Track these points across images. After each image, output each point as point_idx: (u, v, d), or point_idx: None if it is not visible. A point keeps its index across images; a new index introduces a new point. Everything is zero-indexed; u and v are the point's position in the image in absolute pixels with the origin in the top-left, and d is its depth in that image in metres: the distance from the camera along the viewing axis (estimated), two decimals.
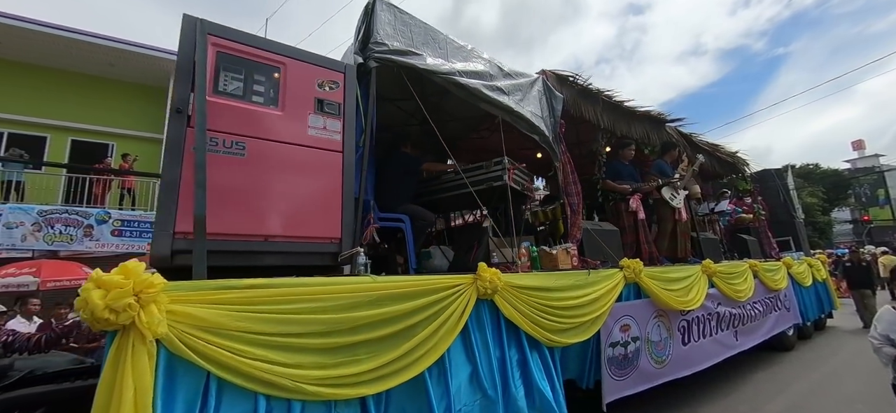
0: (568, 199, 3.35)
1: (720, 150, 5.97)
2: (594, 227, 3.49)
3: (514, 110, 2.99)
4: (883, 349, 2.51)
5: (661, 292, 3.49)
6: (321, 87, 2.17)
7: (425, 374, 1.96)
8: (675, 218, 4.53)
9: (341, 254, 2.03)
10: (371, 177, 2.36)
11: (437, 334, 2.04)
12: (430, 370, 2.02)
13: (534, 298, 2.52)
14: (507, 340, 2.37)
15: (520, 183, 3.18)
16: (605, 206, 4.46)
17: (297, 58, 2.13)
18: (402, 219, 2.75)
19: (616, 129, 4.28)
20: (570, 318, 2.73)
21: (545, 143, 3.26)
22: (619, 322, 3.18)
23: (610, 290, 3.03)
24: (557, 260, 2.87)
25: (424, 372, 1.96)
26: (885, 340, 2.55)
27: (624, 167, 4.35)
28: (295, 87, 2.09)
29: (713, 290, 4.38)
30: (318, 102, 2.14)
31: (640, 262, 3.27)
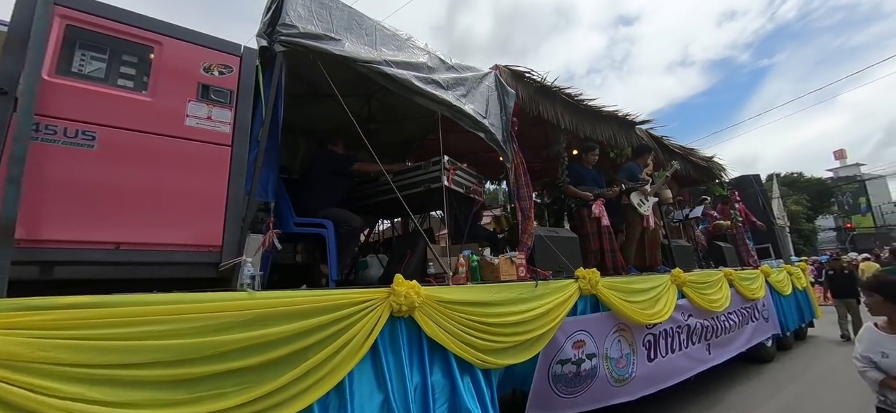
0: (519, 204, 3.08)
1: (694, 154, 5.78)
2: (548, 233, 3.22)
3: (454, 105, 2.72)
4: (867, 373, 2.25)
5: (623, 304, 3.22)
6: (208, 72, 1.87)
7: (314, 407, 1.65)
8: (644, 225, 4.29)
9: (221, 264, 1.72)
10: (270, 174, 2.06)
11: (334, 359, 1.73)
12: (326, 401, 1.71)
13: (466, 315, 2.23)
14: (430, 364, 2.07)
15: (463, 185, 2.91)
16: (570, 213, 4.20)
17: (177, 36, 1.84)
18: (324, 224, 2.45)
19: (579, 130, 4.04)
20: (510, 337, 2.44)
21: (493, 143, 3.00)
22: (571, 338, 2.90)
23: (561, 303, 2.75)
24: (499, 270, 2.58)
25: (314, 405, 1.65)
26: (868, 363, 2.29)
27: (587, 171, 4.10)
28: (172, 70, 1.79)
29: (683, 302, 4.13)
30: (202, 88, 1.84)
31: (596, 273, 3.01)
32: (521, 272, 2.72)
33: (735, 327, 4.88)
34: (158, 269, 1.64)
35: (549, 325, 2.64)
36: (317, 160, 2.72)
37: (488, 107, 3.14)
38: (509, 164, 3.13)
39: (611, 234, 3.92)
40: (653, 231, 4.34)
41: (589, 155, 4.11)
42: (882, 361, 2.23)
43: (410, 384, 1.93)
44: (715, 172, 6.21)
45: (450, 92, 2.79)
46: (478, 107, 3.02)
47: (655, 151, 4.93)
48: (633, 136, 4.75)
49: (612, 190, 3.99)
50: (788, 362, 5.78)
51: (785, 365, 5.64)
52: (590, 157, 4.11)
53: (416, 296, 1.96)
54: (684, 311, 4.12)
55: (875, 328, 2.28)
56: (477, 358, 2.22)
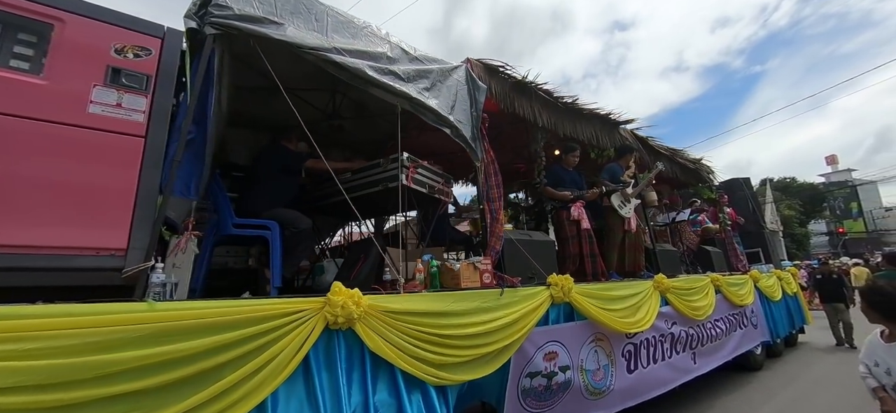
0: (488, 205, 2.89)
1: (681, 155, 5.63)
2: (520, 237, 3.03)
3: (414, 98, 2.53)
4: (866, 380, 2.17)
5: (600, 313, 3.03)
6: (120, 54, 1.67)
7: None
8: (625, 228, 4.11)
9: (125, 270, 1.51)
10: (194, 170, 1.85)
11: (253, 378, 1.52)
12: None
13: (418, 327, 2.03)
14: (374, 382, 1.86)
15: (426, 184, 2.71)
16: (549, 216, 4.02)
17: (83, 14, 1.63)
18: (268, 226, 2.24)
19: (558, 128, 3.86)
20: (471, 349, 2.24)
21: (460, 140, 2.81)
22: (542, 349, 2.70)
23: (530, 312, 2.55)
24: (460, 277, 2.38)
25: None
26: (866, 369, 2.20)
27: (566, 173, 3.92)
28: (74, 51, 1.58)
29: (667, 309, 3.95)
30: (111, 72, 1.63)
31: (570, 279, 2.82)
32: (486, 278, 2.53)
33: (722, 335, 4.71)
34: (49, 276, 1.43)
35: (516, 335, 2.45)
36: (265, 156, 2.52)
37: (456, 102, 2.95)
38: (478, 163, 2.94)
39: (591, 238, 3.74)
40: (635, 234, 4.17)
41: (569, 156, 3.93)
42: (874, 370, 2.12)
43: (347, 405, 1.72)
44: (703, 175, 6.06)
45: (411, 84, 2.60)
46: (443, 101, 2.83)
47: (639, 152, 4.77)
48: (616, 136, 4.59)
49: (591, 192, 3.82)
50: (779, 369, 5.61)
51: (775, 372, 5.48)
52: (570, 158, 3.93)
53: (356, 306, 1.76)
54: (668, 319, 3.94)
55: (878, 336, 2.17)
56: (429, 374, 2.02)
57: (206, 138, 1.93)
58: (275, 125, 3.82)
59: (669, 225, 5.62)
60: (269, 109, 3.58)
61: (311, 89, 3.39)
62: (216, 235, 2.16)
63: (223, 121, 2.42)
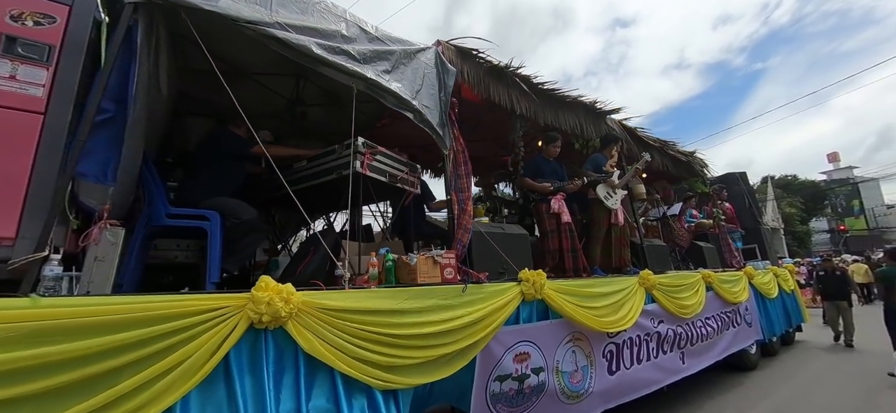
0: (456, 195, 2.70)
1: (672, 148, 5.43)
2: (491, 229, 2.85)
3: (371, 80, 2.35)
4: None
5: (577, 311, 2.85)
6: (17, 21, 1.49)
7: None
8: (611, 221, 3.93)
9: (11, 262, 1.34)
10: (113, 153, 1.68)
11: (156, 384, 1.35)
12: None
13: (364, 326, 1.85)
14: (309, 387, 1.69)
15: (386, 173, 2.53)
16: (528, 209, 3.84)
17: None
18: (207, 216, 2.06)
19: (539, 117, 3.67)
20: (426, 350, 2.06)
21: (425, 126, 2.62)
22: (512, 350, 2.52)
23: (497, 309, 2.37)
24: (417, 271, 2.20)
25: None
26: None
27: (546, 163, 3.73)
28: None
29: (653, 307, 3.77)
30: (5, 40, 1.46)
31: (542, 275, 2.63)
32: (448, 274, 2.34)
33: (713, 333, 4.52)
34: None
35: (480, 335, 2.27)
36: (210, 142, 2.34)
37: (423, 86, 2.77)
38: (446, 151, 2.75)
39: (572, 232, 3.55)
40: (621, 228, 3.98)
41: (550, 146, 3.74)
42: None
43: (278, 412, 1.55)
44: (695, 168, 5.86)
45: (368, 66, 2.42)
46: (407, 85, 2.65)
47: (627, 143, 4.57)
48: (602, 126, 4.40)
49: (573, 183, 3.62)
50: (775, 368, 5.42)
51: (771, 371, 5.29)
52: (551, 148, 3.74)
53: (284, 303, 1.58)
54: (654, 317, 3.75)
55: None
56: (376, 377, 1.84)
57: (131, 120, 1.75)
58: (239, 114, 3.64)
59: (660, 219, 5.43)
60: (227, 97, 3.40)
61: (274, 74, 3.21)
62: (148, 227, 1.99)
63: (163, 104, 2.24)
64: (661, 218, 5.46)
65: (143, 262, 2.11)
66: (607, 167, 3.88)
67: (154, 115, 2.12)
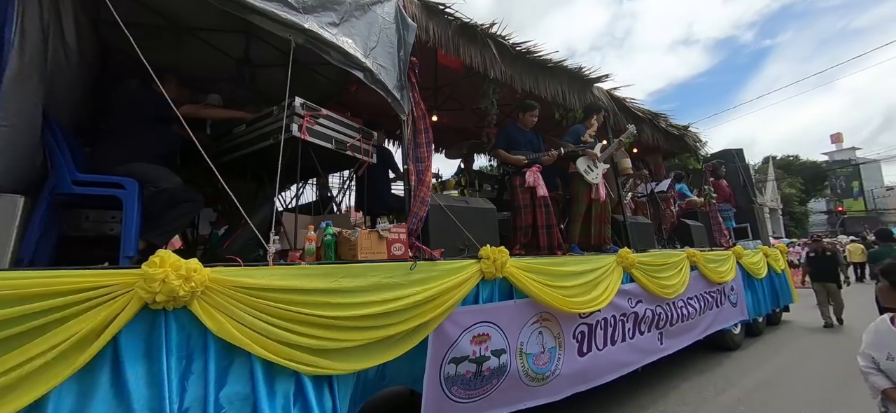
0: (414, 166, 2.47)
1: (665, 121, 5.14)
2: (453, 202, 2.63)
3: (311, 32, 2.08)
4: (870, 377, 1.80)
5: (543, 291, 2.67)
6: None
7: None
8: (592, 197, 3.71)
9: None
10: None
11: (14, 372, 1.16)
12: None
13: (289, 306, 1.66)
14: (221, 373, 1.51)
15: (332, 138, 2.29)
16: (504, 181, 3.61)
17: None
18: (123, 184, 1.84)
19: (516, 83, 3.38)
20: (366, 332, 1.89)
21: (379, 87, 2.36)
22: (469, 332, 2.36)
23: (450, 289, 2.19)
24: (357, 247, 2.00)
25: None
26: (871, 364, 1.83)
27: (521, 134, 3.48)
28: None
29: (631, 286, 3.61)
30: None
31: (504, 252, 2.44)
32: (396, 250, 2.15)
33: (696, 314, 4.39)
34: None
35: (430, 315, 2.09)
36: (130, 103, 2.09)
37: (379, 43, 2.49)
38: (404, 116, 2.50)
39: (548, 207, 3.34)
40: (602, 204, 3.77)
41: (526, 115, 3.47)
42: (885, 364, 1.75)
43: (174, 401, 1.38)
44: (689, 144, 5.59)
45: (310, 16, 2.13)
46: (358, 40, 2.37)
47: (613, 115, 4.30)
48: (587, 95, 4.11)
49: (549, 154, 3.38)
50: (757, 349, 5.35)
51: (752, 351, 5.21)
52: (527, 117, 3.47)
53: (182, 281, 1.38)
54: (632, 297, 3.60)
55: (889, 323, 1.80)
56: (303, 362, 1.67)
57: (10, 72, 1.50)
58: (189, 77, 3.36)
59: (648, 196, 5.21)
60: (179, 57, 3.12)
61: (219, 31, 2.91)
62: (53, 195, 1.77)
63: (74, 59, 1.97)
64: (648, 195, 5.24)
65: (56, 234, 1.90)
66: (585, 137, 3.62)
67: (61, 70, 1.87)
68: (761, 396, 3.67)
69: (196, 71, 3.27)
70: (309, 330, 1.73)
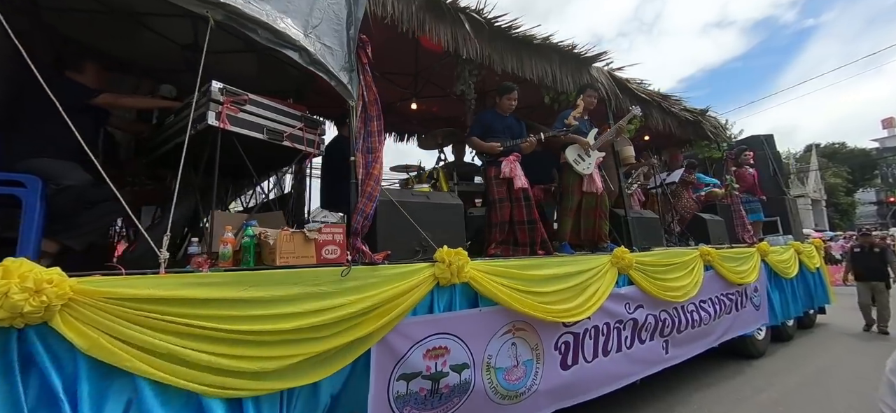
0: (362, 157, 2.20)
1: (677, 104, 4.63)
2: (407, 198, 2.35)
3: (232, 7, 1.83)
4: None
5: (513, 297, 2.36)
6: None
7: None
8: (583, 189, 3.33)
9: None
10: None
11: None
12: None
13: (185, 320, 1.44)
14: (96, 396, 1.31)
15: (264, 127, 2.05)
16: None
17: None
18: (23, 182, 1.67)
19: (497, 63, 3.03)
20: (287, 347, 1.65)
21: (319, 70, 2.10)
22: (422, 345, 2.08)
23: (394, 297, 1.92)
24: (277, 251, 1.75)
25: None
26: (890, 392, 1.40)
27: (498, 119, 3.13)
28: None
29: (629, 290, 3.22)
30: None
31: (462, 255, 2.14)
32: (329, 253, 1.89)
33: (710, 319, 3.93)
34: None
35: (368, 328, 1.83)
36: (36, 91, 1.92)
37: (322, 20, 2.23)
38: (352, 102, 2.23)
39: (528, 200, 3.00)
40: (597, 197, 3.38)
41: (504, 99, 3.11)
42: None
43: None
44: (706, 130, 5.03)
45: None
46: (297, 17, 2.12)
47: (615, 98, 3.87)
48: (584, 76, 3.70)
49: (528, 141, 3.02)
50: (782, 357, 4.79)
51: (776, 359, 4.67)
52: (505, 101, 3.12)
53: (29, 295, 1.17)
54: (630, 302, 3.21)
55: None
56: (205, 383, 1.45)
57: None
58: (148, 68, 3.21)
59: (657, 188, 4.73)
60: (134, 48, 2.96)
61: (168, 16, 2.72)
62: None
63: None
64: (657, 186, 4.76)
65: None
66: (569, 120, 3.22)
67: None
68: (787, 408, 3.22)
69: (156, 62, 3.12)
70: (211, 346, 1.51)
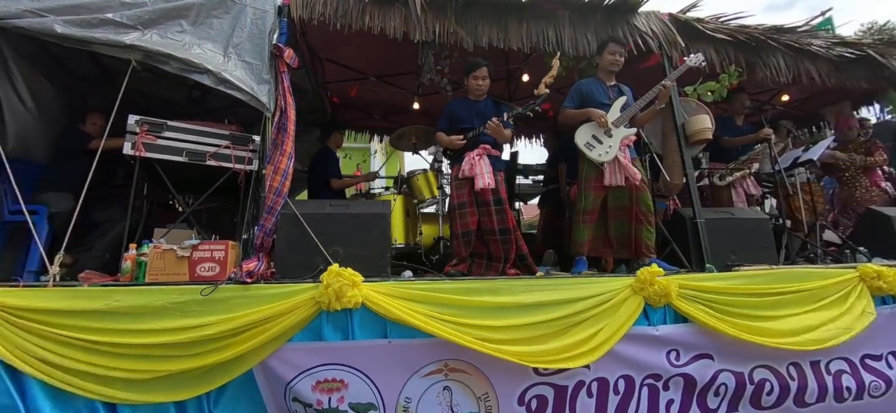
0: (274, 166, 2.10)
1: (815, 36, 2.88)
2: (321, 209, 2.11)
3: (147, 48, 2.02)
4: None
5: (437, 327, 1.84)
6: None
7: None
8: (604, 183, 2.40)
9: None
10: None
11: None
12: None
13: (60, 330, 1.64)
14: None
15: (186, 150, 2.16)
16: None
17: None
18: (36, 210, 2.25)
19: (466, 37, 2.50)
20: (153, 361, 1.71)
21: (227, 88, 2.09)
22: (310, 375, 1.82)
23: (264, 319, 1.74)
24: (149, 269, 1.79)
25: None
26: None
27: (465, 107, 2.50)
28: None
29: (674, 330, 2.14)
30: None
31: (346, 274, 1.79)
32: (206, 270, 1.85)
33: (881, 389, 2.27)
34: None
35: (239, 348, 1.71)
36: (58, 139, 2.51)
37: (246, 36, 2.26)
38: (268, 113, 2.18)
39: (500, 205, 2.33)
40: (631, 193, 2.39)
41: (469, 80, 2.47)
42: None
43: None
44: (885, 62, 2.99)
45: (151, 30, 2.10)
46: (218, 39, 2.21)
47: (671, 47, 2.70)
48: (619, 30, 2.71)
49: (493, 124, 2.31)
50: None
51: None
52: (471, 82, 2.47)
53: None
54: (679, 349, 2.13)
55: None
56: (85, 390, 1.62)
57: None
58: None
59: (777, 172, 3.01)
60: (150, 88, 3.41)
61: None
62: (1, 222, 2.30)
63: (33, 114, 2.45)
64: (788, 168, 3.03)
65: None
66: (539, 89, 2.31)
67: (21, 122, 2.39)
68: None
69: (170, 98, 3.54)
70: (83, 356, 1.66)
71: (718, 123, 3.20)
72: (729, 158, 3.22)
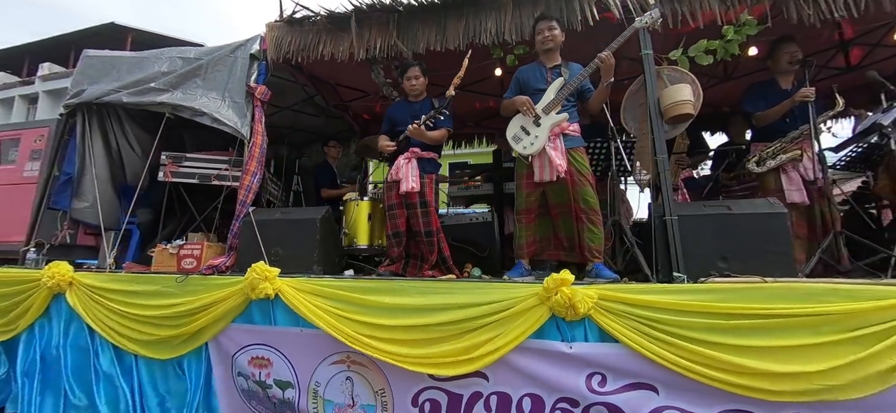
0: (240, 182, 2.64)
1: None
2: (271, 215, 2.52)
3: (171, 103, 2.81)
4: None
5: (330, 324, 2.05)
6: (36, 141, 3.24)
7: None
8: (535, 179, 2.16)
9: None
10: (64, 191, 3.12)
11: None
12: None
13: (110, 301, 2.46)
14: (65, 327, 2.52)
15: (197, 174, 2.89)
16: None
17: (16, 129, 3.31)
18: (135, 222, 3.34)
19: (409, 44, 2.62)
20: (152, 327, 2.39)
21: (218, 125, 2.72)
22: (245, 351, 2.26)
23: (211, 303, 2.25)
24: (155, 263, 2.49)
25: None
26: None
27: (402, 109, 2.52)
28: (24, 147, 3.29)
29: (600, 349, 1.82)
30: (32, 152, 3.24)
31: (259, 269, 2.14)
32: (188, 264, 2.46)
33: None
34: None
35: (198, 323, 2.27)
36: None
37: (233, 82, 2.89)
38: (245, 139, 2.74)
39: (425, 207, 2.34)
40: (567, 188, 2.11)
41: (404, 82, 2.50)
42: None
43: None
44: None
45: (177, 90, 2.88)
46: (219, 86, 2.88)
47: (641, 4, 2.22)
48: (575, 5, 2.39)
49: (412, 128, 2.29)
50: None
51: None
52: (405, 83, 2.49)
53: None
54: (605, 373, 1.81)
55: None
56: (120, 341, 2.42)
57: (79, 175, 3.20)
58: None
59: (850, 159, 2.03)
60: None
61: None
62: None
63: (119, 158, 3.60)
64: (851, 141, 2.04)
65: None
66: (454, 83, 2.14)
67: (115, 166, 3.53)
68: None
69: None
70: (120, 320, 2.46)
71: (753, 91, 2.45)
72: (775, 136, 2.40)
